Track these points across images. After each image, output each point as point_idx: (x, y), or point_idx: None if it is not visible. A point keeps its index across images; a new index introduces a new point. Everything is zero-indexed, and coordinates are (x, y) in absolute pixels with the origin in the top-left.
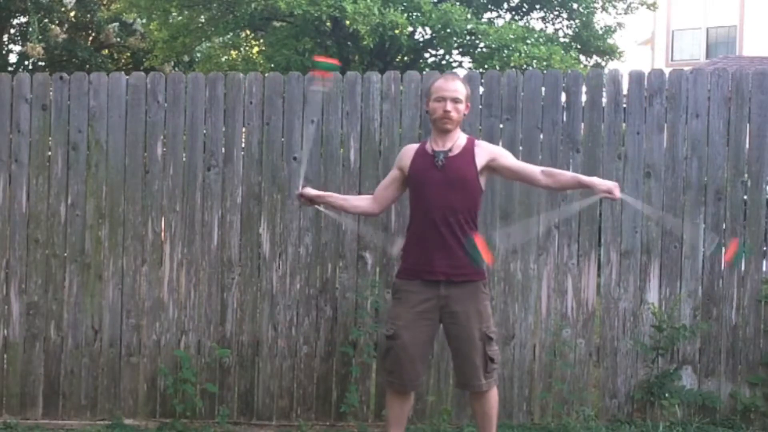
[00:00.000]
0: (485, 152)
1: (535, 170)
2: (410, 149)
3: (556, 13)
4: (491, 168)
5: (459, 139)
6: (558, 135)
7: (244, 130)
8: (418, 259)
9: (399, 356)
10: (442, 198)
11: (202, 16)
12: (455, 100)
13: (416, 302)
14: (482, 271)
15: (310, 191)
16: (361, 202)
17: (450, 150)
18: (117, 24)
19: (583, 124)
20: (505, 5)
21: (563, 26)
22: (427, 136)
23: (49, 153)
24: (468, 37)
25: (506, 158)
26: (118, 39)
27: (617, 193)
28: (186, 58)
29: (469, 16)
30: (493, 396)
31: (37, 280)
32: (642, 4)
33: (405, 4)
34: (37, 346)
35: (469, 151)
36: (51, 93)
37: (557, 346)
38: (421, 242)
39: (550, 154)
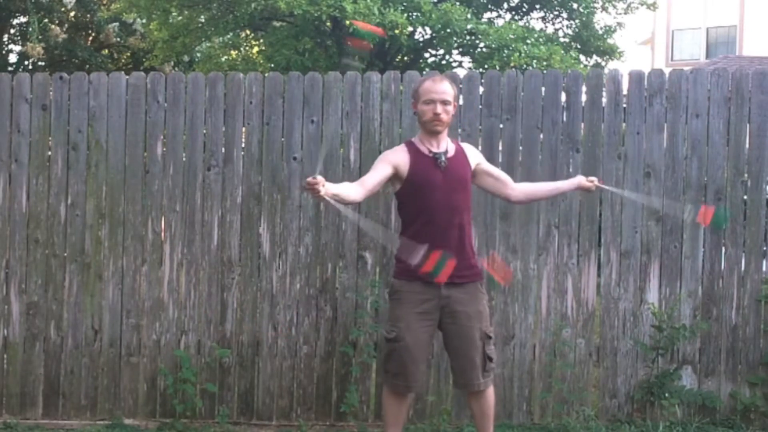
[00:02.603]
0: (474, 155)
1: (508, 177)
2: (400, 150)
3: (556, 13)
4: (475, 172)
5: (449, 142)
6: (558, 135)
7: (244, 130)
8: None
9: (403, 359)
10: (447, 199)
11: (202, 16)
12: (444, 102)
13: (417, 303)
14: (480, 271)
15: (330, 187)
16: (356, 192)
17: (447, 151)
18: (117, 24)
19: (583, 124)
20: (505, 5)
21: (563, 26)
22: None
23: (49, 153)
24: (468, 37)
25: (487, 163)
26: (118, 39)
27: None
28: (186, 58)
29: (469, 16)
30: (491, 395)
31: (37, 280)
32: (642, 4)
33: (405, 4)
34: (37, 346)
35: (461, 152)
36: (51, 93)
37: (557, 346)
38: (425, 243)
39: (550, 154)
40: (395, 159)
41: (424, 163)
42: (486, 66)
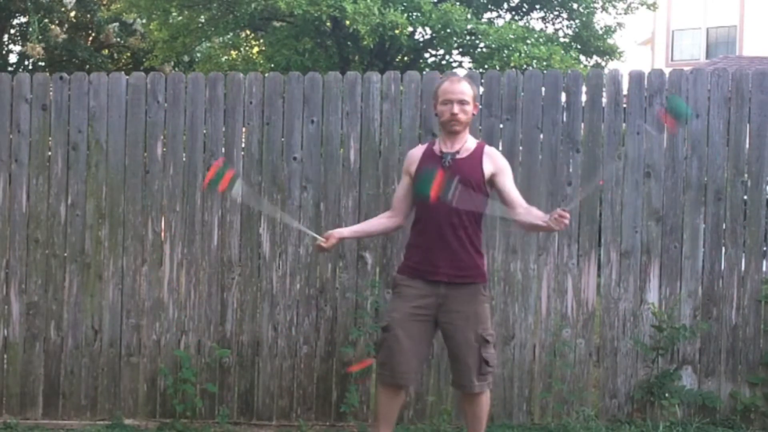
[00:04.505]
0: (493, 162)
1: (520, 202)
2: (416, 152)
3: (556, 13)
4: (491, 181)
5: (468, 142)
6: (558, 135)
7: (244, 130)
8: (422, 259)
9: (392, 348)
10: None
11: (202, 16)
12: (462, 102)
13: (414, 297)
14: (483, 273)
15: (342, 231)
16: (383, 221)
17: (458, 152)
18: (117, 24)
19: (583, 124)
20: (505, 5)
21: (563, 26)
22: (427, 136)
23: (49, 153)
24: (468, 37)
25: (506, 177)
26: (118, 39)
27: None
28: (186, 58)
29: (469, 16)
30: (485, 399)
31: (37, 280)
32: (642, 4)
33: (405, 4)
34: (37, 346)
35: (477, 155)
36: (51, 93)
37: (557, 346)
38: (424, 242)
39: (550, 154)
40: (408, 165)
41: (431, 162)
42: (486, 66)
